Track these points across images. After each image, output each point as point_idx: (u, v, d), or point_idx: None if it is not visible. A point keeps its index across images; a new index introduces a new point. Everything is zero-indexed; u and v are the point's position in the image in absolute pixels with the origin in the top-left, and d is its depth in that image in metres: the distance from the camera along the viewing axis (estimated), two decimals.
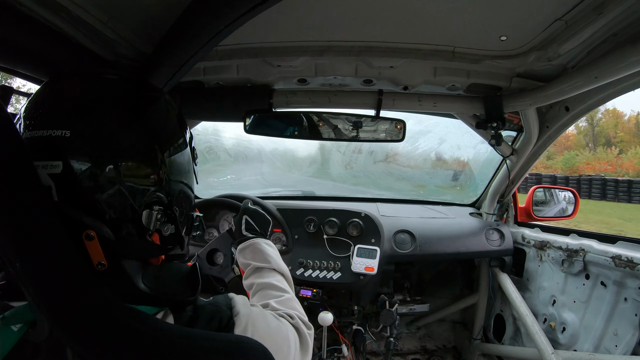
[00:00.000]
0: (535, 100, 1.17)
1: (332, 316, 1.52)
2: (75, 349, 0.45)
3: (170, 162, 0.58)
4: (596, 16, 0.79)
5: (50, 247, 0.44)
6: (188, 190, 0.64)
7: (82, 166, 0.49)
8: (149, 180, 0.54)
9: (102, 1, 0.72)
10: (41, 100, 0.54)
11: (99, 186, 0.50)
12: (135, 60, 0.92)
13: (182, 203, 0.62)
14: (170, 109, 0.64)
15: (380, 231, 1.76)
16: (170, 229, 0.58)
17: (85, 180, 0.50)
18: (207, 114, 1.40)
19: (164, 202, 0.56)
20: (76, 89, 0.56)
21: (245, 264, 0.92)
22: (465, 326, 2.26)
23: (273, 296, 0.80)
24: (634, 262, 1.19)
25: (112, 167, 0.51)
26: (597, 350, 1.32)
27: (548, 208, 2.05)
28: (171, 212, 0.57)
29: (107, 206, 0.51)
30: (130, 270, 0.53)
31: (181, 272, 0.62)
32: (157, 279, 0.55)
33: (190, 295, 0.57)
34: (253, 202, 1.74)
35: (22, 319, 0.46)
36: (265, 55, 1.11)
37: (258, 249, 0.93)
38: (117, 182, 0.51)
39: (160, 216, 0.55)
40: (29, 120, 0.51)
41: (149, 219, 0.54)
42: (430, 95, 1.33)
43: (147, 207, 0.54)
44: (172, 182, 0.58)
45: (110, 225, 0.51)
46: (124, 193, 0.52)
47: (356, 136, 1.34)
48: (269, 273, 0.87)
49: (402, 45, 1.06)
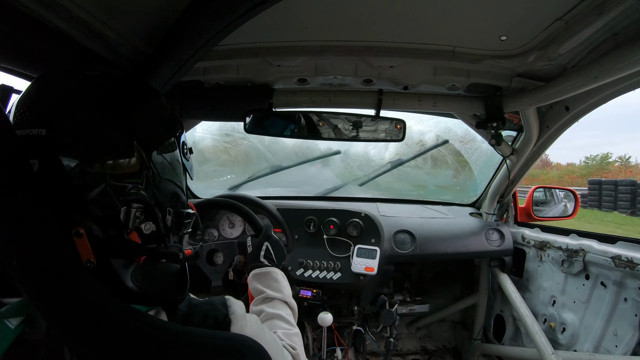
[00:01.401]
0: (535, 100, 1.16)
1: (332, 317, 1.52)
2: (72, 346, 0.45)
3: (153, 159, 0.57)
4: (596, 16, 0.79)
5: (46, 244, 0.44)
6: (175, 188, 0.62)
7: (58, 164, 0.49)
8: (128, 177, 0.53)
9: (102, 1, 0.72)
10: (22, 99, 0.54)
11: (80, 184, 0.50)
12: (136, 60, 0.92)
13: (168, 201, 0.61)
14: (156, 105, 0.62)
15: (380, 231, 1.76)
16: (152, 227, 0.57)
17: (66, 177, 0.49)
18: (207, 113, 1.40)
19: (144, 199, 0.55)
20: (54, 86, 0.55)
21: (259, 290, 0.94)
22: (465, 326, 2.26)
23: (281, 327, 0.82)
24: (634, 263, 1.19)
25: (89, 164, 0.50)
26: (597, 351, 1.32)
27: (548, 208, 2.06)
28: (151, 210, 0.56)
29: (91, 204, 0.50)
30: (119, 268, 0.53)
31: (170, 271, 0.61)
32: (146, 278, 0.55)
33: (178, 295, 0.57)
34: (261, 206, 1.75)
35: (17, 314, 0.46)
36: (265, 55, 1.11)
37: (274, 279, 0.97)
38: (96, 179, 0.51)
39: (140, 214, 0.54)
40: (14, 118, 0.52)
41: (127, 216, 0.53)
42: (430, 95, 1.33)
43: (125, 205, 0.53)
44: (154, 179, 0.57)
45: (97, 222, 0.50)
46: (103, 190, 0.51)
47: (356, 136, 1.34)
48: (280, 304, 0.90)
49: (402, 45, 1.06)
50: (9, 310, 0.46)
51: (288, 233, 1.81)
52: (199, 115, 1.43)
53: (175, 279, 0.61)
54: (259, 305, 0.91)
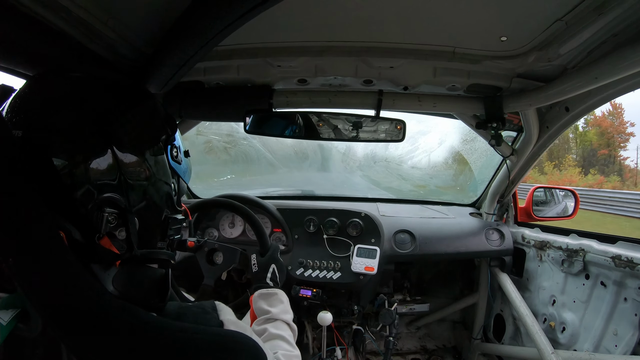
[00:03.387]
0: (536, 100, 1.16)
1: (332, 316, 1.52)
2: (69, 344, 0.45)
3: (132, 164, 0.55)
4: (596, 17, 0.79)
5: (42, 242, 0.44)
6: (157, 191, 0.61)
7: (33, 165, 0.48)
8: (103, 182, 0.52)
9: (102, 1, 0.72)
10: (10, 100, 0.54)
11: (56, 186, 0.49)
12: (136, 61, 0.92)
13: (150, 207, 0.59)
14: (143, 109, 0.60)
15: (380, 231, 1.76)
16: (124, 234, 0.55)
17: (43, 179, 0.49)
18: (207, 114, 1.40)
19: (118, 204, 0.53)
20: (36, 89, 0.55)
21: (264, 310, 0.96)
22: (465, 326, 2.27)
23: (283, 348, 0.84)
24: (633, 262, 1.19)
25: (66, 167, 0.49)
26: (597, 350, 1.32)
27: (548, 208, 2.06)
28: (125, 216, 0.54)
29: (66, 206, 0.50)
30: (99, 272, 0.52)
31: (152, 277, 0.60)
32: (126, 283, 0.55)
33: (159, 302, 0.57)
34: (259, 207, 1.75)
35: (7, 308, 0.46)
36: (265, 56, 1.11)
37: (280, 300, 1.01)
38: (71, 182, 0.50)
39: (112, 219, 0.53)
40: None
41: (99, 221, 0.51)
42: (430, 96, 1.33)
43: (98, 209, 0.51)
44: (133, 184, 0.55)
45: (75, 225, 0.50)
46: (77, 192, 0.50)
47: (356, 136, 1.34)
48: (283, 325, 0.94)
49: (402, 46, 1.06)
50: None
51: (288, 233, 1.81)
52: (199, 115, 1.43)
53: (156, 285, 0.60)
54: (262, 324, 0.94)
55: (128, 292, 0.54)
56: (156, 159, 0.60)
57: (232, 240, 1.84)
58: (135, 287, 0.57)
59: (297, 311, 1.78)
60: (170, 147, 0.64)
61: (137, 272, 0.59)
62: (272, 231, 1.83)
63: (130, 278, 0.56)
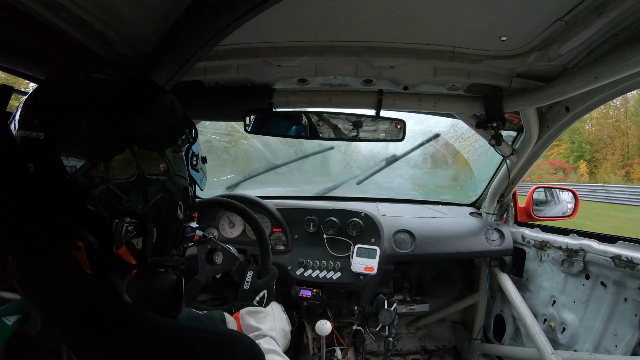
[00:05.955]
0: (536, 100, 1.16)
1: (330, 326, 1.47)
2: (69, 343, 0.45)
3: (153, 173, 0.54)
4: (596, 17, 0.79)
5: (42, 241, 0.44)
6: (176, 201, 0.59)
7: (53, 169, 0.47)
8: (124, 191, 0.51)
9: (102, 1, 0.72)
10: (27, 99, 0.53)
11: (75, 193, 0.48)
12: (136, 60, 0.92)
13: (169, 216, 0.58)
14: (166, 116, 0.59)
15: (380, 231, 1.76)
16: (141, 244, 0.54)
17: (60, 184, 0.48)
18: (207, 113, 1.40)
19: (137, 213, 0.52)
20: (58, 90, 0.54)
21: (254, 327, 0.98)
22: (465, 326, 2.26)
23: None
24: (633, 262, 1.19)
25: (85, 173, 0.48)
26: (597, 351, 1.32)
27: (548, 208, 2.05)
28: (144, 225, 0.53)
29: (84, 214, 0.49)
30: (115, 281, 0.52)
31: (166, 285, 0.60)
32: (142, 292, 0.55)
33: (172, 311, 0.57)
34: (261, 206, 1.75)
35: (16, 312, 0.46)
36: (265, 55, 1.11)
37: (267, 317, 1.03)
38: (91, 190, 0.49)
39: (132, 228, 0.52)
40: (17, 120, 0.51)
41: (119, 230, 0.50)
42: (431, 95, 1.33)
43: (118, 218, 0.50)
44: (153, 193, 0.54)
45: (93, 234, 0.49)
46: (97, 201, 0.49)
47: (356, 136, 1.34)
48: (272, 341, 0.96)
49: (402, 45, 1.06)
50: (8, 309, 0.46)
51: (288, 233, 1.81)
52: (199, 115, 1.43)
53: (170, 294, 0.60)
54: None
55: (144, 301, 0.54)
56: (178, 168, 0.59)
57: (232, 240, 1.84)
58: (150, 297, 0.57)
59: (297, 311, 1.78)
60: (190, 155, 0.63)
61: (152, 281, 0.59)
62: (272, 231, 1.83)
63: (145, 287, 0.57)
